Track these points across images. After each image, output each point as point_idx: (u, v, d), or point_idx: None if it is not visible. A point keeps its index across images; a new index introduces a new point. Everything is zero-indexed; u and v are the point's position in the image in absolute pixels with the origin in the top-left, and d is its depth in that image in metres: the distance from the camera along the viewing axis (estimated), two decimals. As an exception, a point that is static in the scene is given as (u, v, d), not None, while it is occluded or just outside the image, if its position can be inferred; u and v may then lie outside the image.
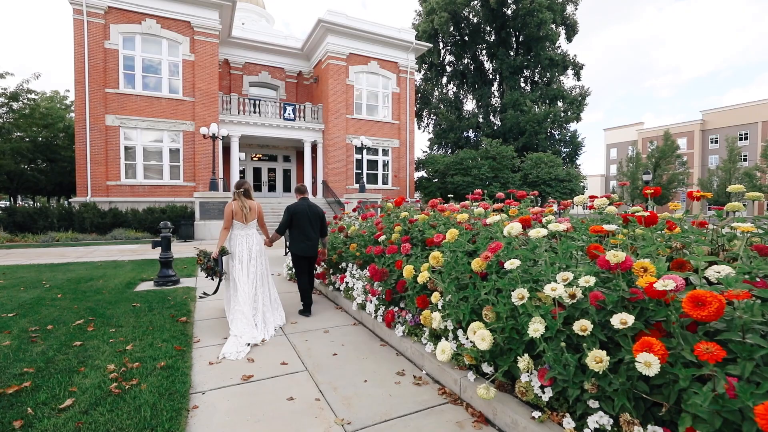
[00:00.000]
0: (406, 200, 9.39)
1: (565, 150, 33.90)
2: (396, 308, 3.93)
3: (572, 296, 2.22)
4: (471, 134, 36.86)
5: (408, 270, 3.26)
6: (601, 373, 1.88)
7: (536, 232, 2.46)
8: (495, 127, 34.49)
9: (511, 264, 2.44)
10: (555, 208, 4.65)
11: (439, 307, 3.22)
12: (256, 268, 4.15)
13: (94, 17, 15.37)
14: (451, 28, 34.19)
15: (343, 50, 20.45)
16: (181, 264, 8.11)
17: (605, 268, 2.34)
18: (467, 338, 2.90)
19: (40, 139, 23.61)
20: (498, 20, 33.47)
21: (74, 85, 15.43)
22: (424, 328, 3.38)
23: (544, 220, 3.51)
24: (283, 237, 5.55)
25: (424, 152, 36.76)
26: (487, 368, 2.69)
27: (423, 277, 3.00)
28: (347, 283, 4.98)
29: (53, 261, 8.65)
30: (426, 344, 3.24)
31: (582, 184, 24.32)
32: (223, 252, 4.10)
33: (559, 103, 33.70)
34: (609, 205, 3.50)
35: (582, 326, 2.00)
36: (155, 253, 9.12)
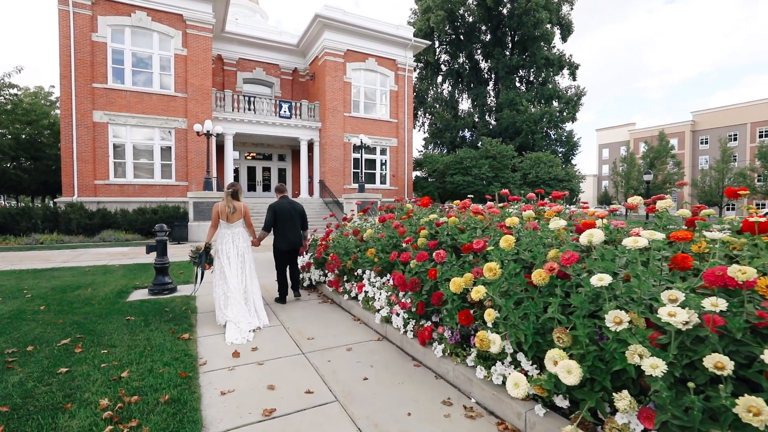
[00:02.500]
0: (405, 200, 9.02)
1: (561, 150, 33.82)
2: (429, 323, 3.49)
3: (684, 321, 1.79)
4: (467, 134, 36.62)
5: (456, 283, 2.81)
6: (763, 428, 1.45)
7: (633, 242, 2.03)
8: (491, 127, 34.27)
9: (600, 280, 2.02)
10: (593, 208, 4.25)
11: (489, 326, 2.78)
12: (242, 263, 4.42)
13: (80, 8, 14.62)
14: (447, 27, 33.89)
15: (340, 47, 19.95)
16: (177, 269, 7.56)
17: (718, 285, 1.93)
18: (531, 363, 2.48)
19: (24, 136, 22.64)
20: (494, 19, 33.26)
21: (59, 80, 14.66)
22: (471, 349, 2.94)
23: (598, 223, 3.11)
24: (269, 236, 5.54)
25: (419, 152, 36.41)
26: (561, 402, 2.27)
27: (479, 293, 2.55)
28: (367, 292, 4.51)
29: (37, 266, 8.02)
30: (475, 368, 2.80)
31: (581, 184, 24.16)
32: (207, 247, 4.51)
33: (555, 103, 33.61)
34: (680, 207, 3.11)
35: (718, 362, 1.57)
36: (147, 257, 8.55)
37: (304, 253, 6.56)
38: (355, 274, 5.09)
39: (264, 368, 3.20)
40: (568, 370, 1.97)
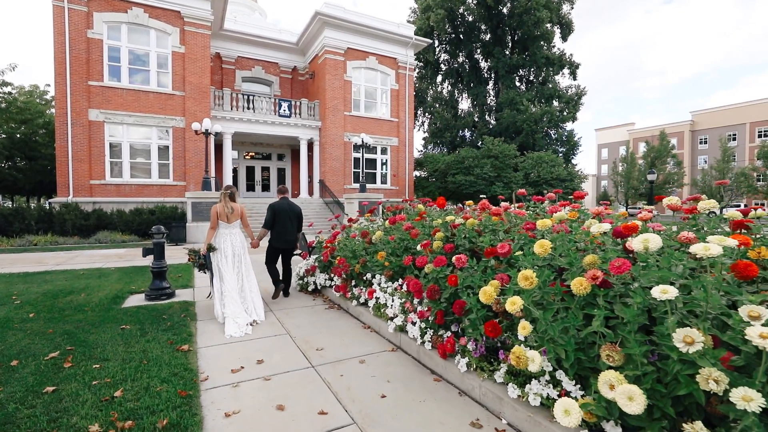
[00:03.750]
0: (415, 200, 8.77)
1: (561, 150, 33.64)
2: (449, 333, 3.23)
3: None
4: (467, 133, 36.41)
5: (487, 293, 2.54)
6: None
7: (703, 249, 1.77)
8: (491, 127, 34.06)
9: (664, 292, 1.76)
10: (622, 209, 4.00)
11: (521, 339, 2.53)
12: (239, 262, 4.60)
13: (75, 4, 14.29)
14: (447, 26, 33.65)
15: (340, 45, 19.67)
16: (175, 272, 7.27)
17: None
18: (574, 383, 2.22)
19: (18, 135, 22.28)
20: (494, 18, 33.04)
21: (54, 78, 14.33)
22: (500, 364, 2.68)
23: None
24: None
25: (419, 152, 36.21)
26: (612, 429, 2.00)
27: (515, 304, 2.29)
28: (378, 298, 4.24)
29: (28, 269, 7.71)
30: (506, 386, 2.54)
31: (582, 184, 23.97)
32: (210, 249, 4.58)
33: (555, 103, 33.42)
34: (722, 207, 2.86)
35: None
36: (144, 259, 8.24)
37: (308, 256, 6.31)
38: (364, 278, 4.83)
39: (271, 384, 2.93)
40: (629, 397, 1.70)
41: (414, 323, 3.53)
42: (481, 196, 19.05)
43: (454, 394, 2.83)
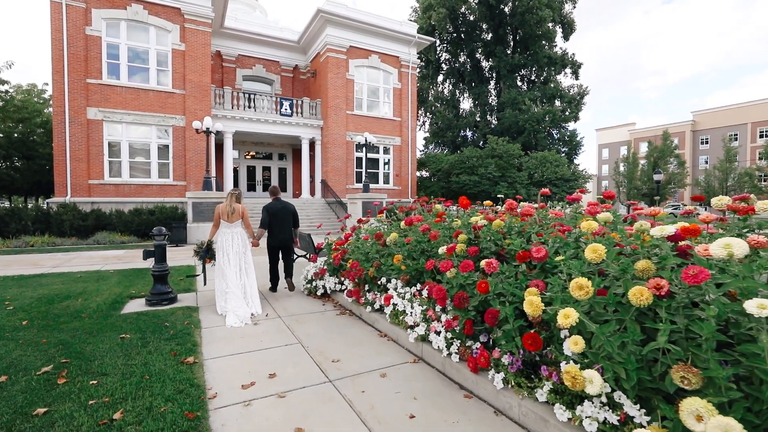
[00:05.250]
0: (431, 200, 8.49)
1: (563, 149, 33.43)
2: (478, 344, 2.96)
3: None
4: (468, 133, 36.19)
5: (534, 303, 2.27)
6: None
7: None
8: (492, 126, 33.85)
9: (762, 308, 1.49)
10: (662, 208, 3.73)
11: (567, 354, 2.27)
12: (241, 260, 4.89)
13: (73, 0, 14.00)
14: (448, 26, 33.42)
15: (343, 43, 19.41)
16: (177, 275, 6.99)
17: None
18: (639, 407, 1.95)
19: (16, 135, 21.97)
20: (495, 18, 32.83)
21: (52, 75, 14.02)
22: (543, 382, 2.41)
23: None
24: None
25: (420, 151, 35.98)
26: (689, 463, 1.74)
27: (569, 317, 2.02)
28: (396, 305, 3.97)
29: (24, 272, 7.42)
30: (552, 406, 2.27)
31: (587, 184, 23.74)
32: (210, 243, 5.10)
33: (557, 102, 33.21)
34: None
35: None
36: (144, 261, 7.95)
37: (317, 259, 6.05)
38: (378, 283, 4.56)
39: (287, 402, 2.65)
40: (724, 431, 1.44)
41: (438, 333, 3.26)
42: (498, 196, 18.78)
43: (489, 414, 2.56)
